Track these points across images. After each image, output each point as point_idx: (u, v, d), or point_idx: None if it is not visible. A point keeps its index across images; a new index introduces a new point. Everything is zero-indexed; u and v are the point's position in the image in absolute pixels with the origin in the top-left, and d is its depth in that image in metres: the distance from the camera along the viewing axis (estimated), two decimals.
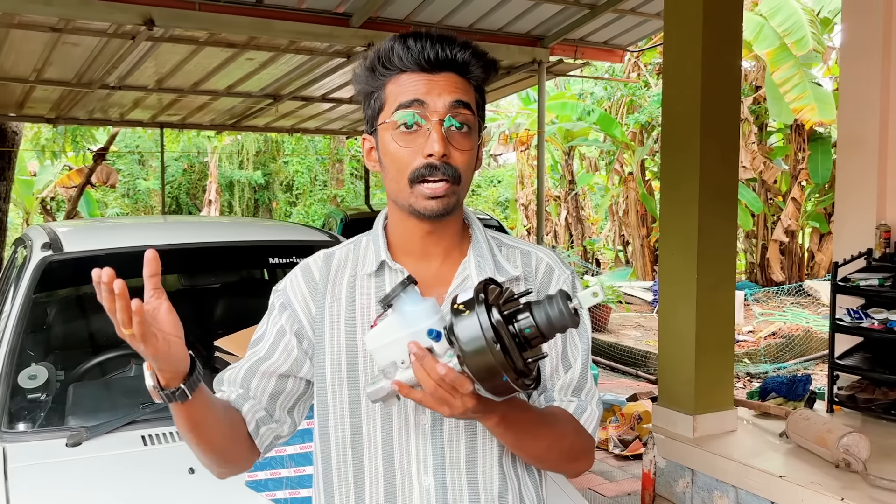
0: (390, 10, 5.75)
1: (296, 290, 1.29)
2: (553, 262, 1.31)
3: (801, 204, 13.07)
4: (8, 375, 2.40)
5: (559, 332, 1.01)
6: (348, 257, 1.30)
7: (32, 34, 5.65)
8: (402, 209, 1.22)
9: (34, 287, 2.68)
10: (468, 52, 1.19)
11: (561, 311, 0.99)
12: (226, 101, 8.64)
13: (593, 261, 17.89)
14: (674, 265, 3.82)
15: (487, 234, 1.31)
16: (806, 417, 3.51)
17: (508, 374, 0.98)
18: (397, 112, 1.17)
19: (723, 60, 3.71)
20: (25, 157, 14.95)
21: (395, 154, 1.18)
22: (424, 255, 1.26)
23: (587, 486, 4.60)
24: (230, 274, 3.58)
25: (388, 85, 1.19)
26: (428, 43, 1.17)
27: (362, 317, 1.24)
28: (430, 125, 1.16)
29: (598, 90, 16.20)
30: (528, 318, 1.00)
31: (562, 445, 1.23)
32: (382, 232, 1.29)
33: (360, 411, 1.23)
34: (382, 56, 1.19)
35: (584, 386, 1.29)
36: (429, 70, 1.17)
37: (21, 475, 2.09)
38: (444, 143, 1.15)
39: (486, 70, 1.22)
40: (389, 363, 1.07)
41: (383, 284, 1.25)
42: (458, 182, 1.18)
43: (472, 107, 1.20)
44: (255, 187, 21.60)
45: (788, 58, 10.77)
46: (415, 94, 1.16)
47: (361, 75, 1.23)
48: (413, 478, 1.21)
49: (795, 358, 8.16)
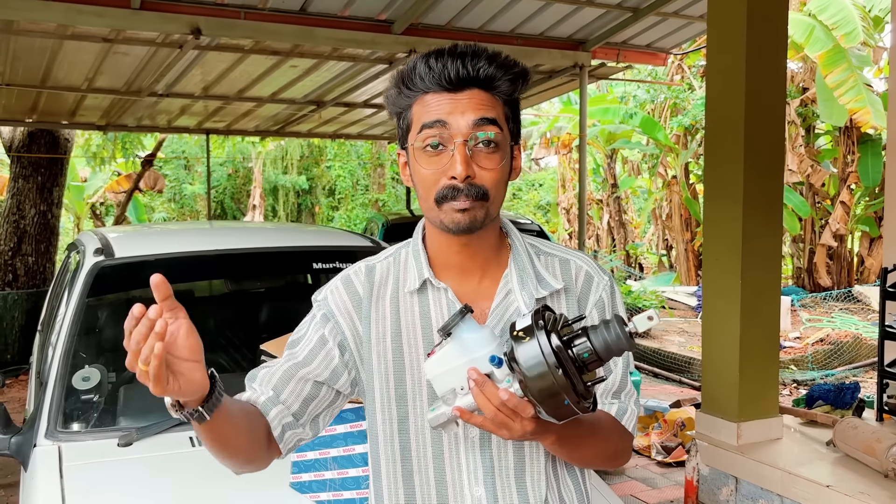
0: (431, 16, 5.79)
1: (338, 303, 1.30)
2: (592, 269, 1.32)
3: (850, 207, 12.78)
4: (63, 377, 2.48)
5: (616, 355, 1.04)
6: (389, 271, 1.31)
7: (85, 45, 5.80)
8: (434, 225, 1.23)
9: (87, 291, 2.76)
10: (492, 67, 1.17)
11: (618, 336, 1.03)
12: (270, 108, 8.76)
13: (636, 265, 17.72)
14: (718, 270, 3.78)
15: (526, 242, 1.32)
16: (854, 426, 3.44)
17: (570, 398, 1.01)
18: (421, 133, 1.18)
19: (768, 62, 3.66)
20: (77, 163, 15.34)
21: (421, 174, 1.19)
22: (463, 270, 1.27)
23: (629, 492, 4.56)
24: (275, 279, 3.64)
25: (413, 105, 1.20)
26: (449, 61, 1.15)
27: (408, 334, 1.26)
28: (454, 146, 1.16)
29: (640, 93, 16.04)
30: (585, 342, 1.03)
31: (607, 449, 1.27)
32: (422, 246, 1.29)
33: (409, 427, 1.25)
34: (406, 77, 1.19)
35: (624, 388, 1.31)
36: (451, 89, 1.16)
37: (75, 474, 2.15)
38: (467, 165, 1.15)
39: (513, 82, 1.20)
40: (449, 390, 1.09)
41: (427, 302, 1.26)
42: (486, 199, 1.18)
43: (498, 122, 1.18)
44: (299, 192, 21.82)
45: (842, 60, 10.56)
46: (437, 114, 1.16)
47: (391, 94, 1.24)
48: (465, 489, 1.23)
49: (844, 365, 7.98)
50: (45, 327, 3.61)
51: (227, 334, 3.17)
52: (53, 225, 9.27)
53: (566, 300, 1.28)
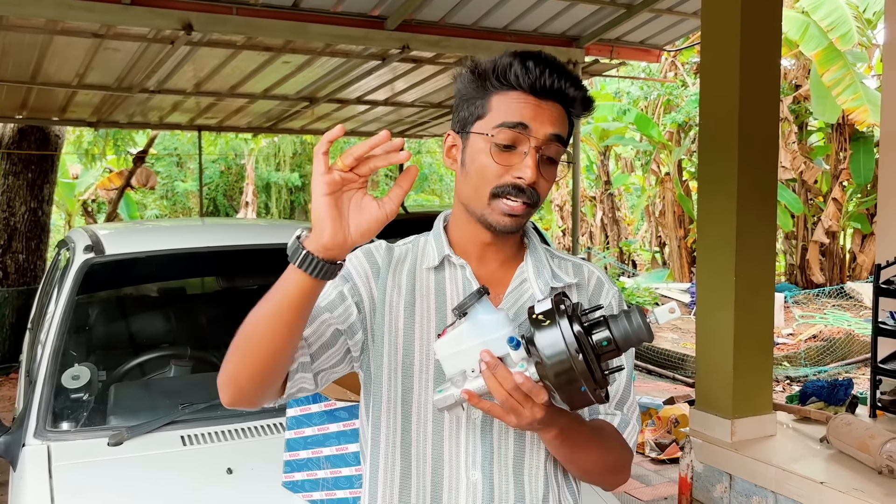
0: (425, 12, 5.76)
1: (357, 268, 1.29)
2: (603, 278, 1.35)
3: (842, 204, 12.82)
4: (52, 375, 2.46)
5: (634, 346, 1.04)
6: (408, 253, 1.32)
7: (75, 40, 5.76)
8: (472, 215, 1.24)
9: (77, 289, 2.73)
10: (576, 89, 1.22)
11: (639, 325, 1.02)
12: (262, 104, 8.72)
13: (629, 262, 17.73)
14: (711, 267, 3.78)
15: (542, 245, 1.35)
16: (848, 422, 3.45)
17: (588, 385, 1.00)
18: (499, 127, 1.19)
19: (762, 59, 3.66)
20: (67, 160, 15.26)
21: (484, 165, 1.20)
22: (482, 260, 1.29)
23: (623, 489, 4.56)
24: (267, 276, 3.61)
25: (495, 96, 1.21)
26: (547, 70, 1.19)
27: (421, 307, 1.27)
28: (528, 149, 1.18)
29: (634, 89, 16.04)
30: (605, 331, 1.03)
31: (608, 460, 1.27)
32: (444, 232, 1.31)
33: (412, 399, 1.25)
34: (499, 70, 1.21)
35: (627, 399, 1.32)
36: (539, 95, 1.20)
37: (64, 473, 2.13)
38: (537, 171, 1.18)
39: (586, 107, 1.25)
40: (458, 372, 1.08)
41: (443, 279, 1.28)
42: (536, 207, 1.22)
43: (565, 140, 1.23)
44: (292, 189, 21.76)
45: (838, 58, 10.57)
46: (521, 116, 1.19)
47: (468, 79, 1.25)
48: (461, 471, 1.23)
49: (837, 361, 8.00)
50: (34, 325, 3.58)
51: (219, 332, 3.14)
52: (44, 222, 9.21)
53: (577, 296, 1.31)
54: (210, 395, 2.52)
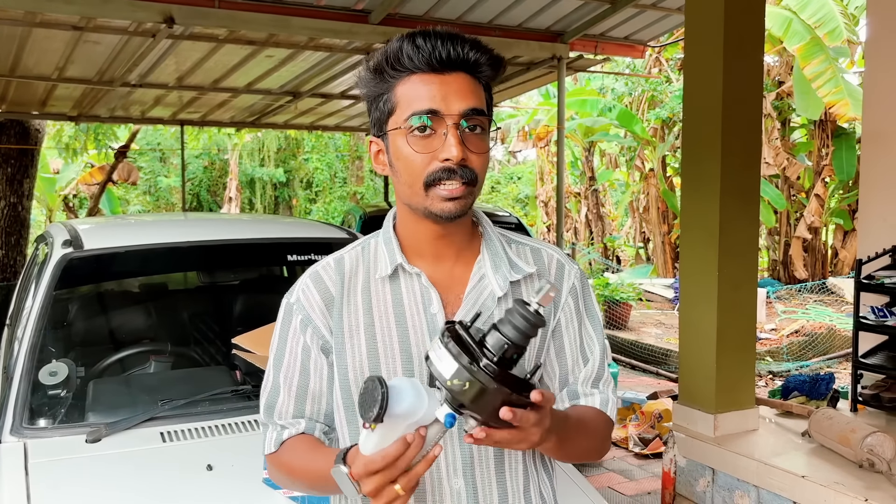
0: (409, 6, 5.74)
1: (312, 304, 1.27)
2: (563, 258, 1.33)
3: (824, 200, 12.92)
4: (29, 372, 2.42)
5: (532, 336, 1.01)
6: (359, 261, 1.28)
7: (54, 33, 5.69)
8: (416, 212, 1.21)
9: (55, 284, 2.69)
10: (478, 52, 1.16)
11: (524, 317, 1.00)
12: (246, 99, 8.67)
13: (614, 258, 17.80)
14: (695, 262, 3.78)
15: (496, 232, 1.31)
16: (829, 416, 3.46)
17: (514, 398, 0.98)
18: (411, 118, 1.15)
19: (745, 55, 3.66)
20: (48, 154, 15.11)
21: (409, 158, 1.17)
22: (437, 257, 1.25)
23: (606, 484, 4.57)
24: (249, 271, 3.59)
25: (397, 87, 1.17)
26: (439, 42, 1.14)
27: (381, 324, 1.24)
28: (446, 129, 1.14)
29: (618, 86, 16.09)
30: (497, 336, 1.00)
31: (594, 442, 1.28)
32: (394, 234, 1.27)
33: None
34: (391, 57, 1.16)
35: (602, 376, 1.31)
36: (440, 70, 1.15)
37: (41, 471, 2.10)
38: (462, 147, 1.14)
39: (495, 68, 1.20)
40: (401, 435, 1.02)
41: (399, 288, 1.24)
42: (475, 184, 1.18)
43: (484, 110, 1.18)
44: (276, 184, 21.68)
45: (820, 52, 10.63)
46: (429, 97, 1.14)
47: (367, 78, 1.20)
48: (443, 481, 1.21)
49: (818, 356, 8.07)
50: (12, 321, 3.53)
51: (200, 327, 3.11)
52: (24, 217, 9.12)
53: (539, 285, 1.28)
54: (190, 391, 2.50)
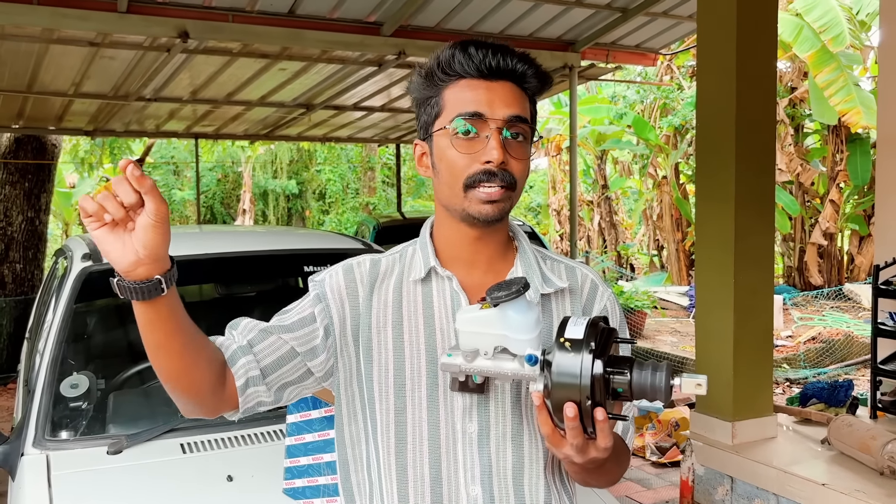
0: (421, 18, 5.77)
1: (333, 286, 1.27)
2: (597, 280, 1.33)
3: (839, 206, 12.83)
4: (50, 384, 2.44)
5: (647, 399, 1.02)
6: (395, 265, 1.30)
7: (71, 49, 5.76)
8: (454, 214, 1.23)
9: (75, 297, 2.72)
10: (525, 64, 1.21)
11: (659, 384, 1.00)
12: (259, 112, 8.73)
13: (627, 266, 17.74)
14: (710, 270, 3.77)
15: (532, 247, 1.33)
16: (849, 424, 3.44)
17: (585, 422, 1.01)
18: (456, 119, 1.18)
19: (758, 62, 3.66)
20: (64, 169, 15.26)
21: (451, 159, 1.20)
22: (470, 263, 1.27)
23: (624, 493, 4.55)
24: (265, 282, 3.61)
25: (446, 91, 1.21)
26: (489, 51, 1.19)
27: (409, 323, 1.24)
28: (489, 133, 1.18)
29: (630, 93, 16.06)
30: (625, 377, 1.01)
31: (615, 473, 1.28)
32: (430, 239, 1.29)
33: (406, 419, 1.22)
34: (443, 62, 1.21)
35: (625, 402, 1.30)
36: (488, 77, 1.19)
37: (64, 482, 2.12)
38: (503, 151, 1.17)
39: (541, 81, 1.24)
40: (472, 349, 1.09)
41: (430, 290, 1.25)
42: (514, 189, 1.21)
43: (527, 119, 1.21)
44: (289, 196, 21.77)
45: (831, 60, 10.58)
46: (475, 101, 1.18)
47: (418, 82, 1.25)
48: (461, 487, 1.21)
49: (836, 363, 8.00)
50: (32, 334, 3.56)
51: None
52: (41, 231, 9.20)
53: (570, 301, 1.29)
54: None
